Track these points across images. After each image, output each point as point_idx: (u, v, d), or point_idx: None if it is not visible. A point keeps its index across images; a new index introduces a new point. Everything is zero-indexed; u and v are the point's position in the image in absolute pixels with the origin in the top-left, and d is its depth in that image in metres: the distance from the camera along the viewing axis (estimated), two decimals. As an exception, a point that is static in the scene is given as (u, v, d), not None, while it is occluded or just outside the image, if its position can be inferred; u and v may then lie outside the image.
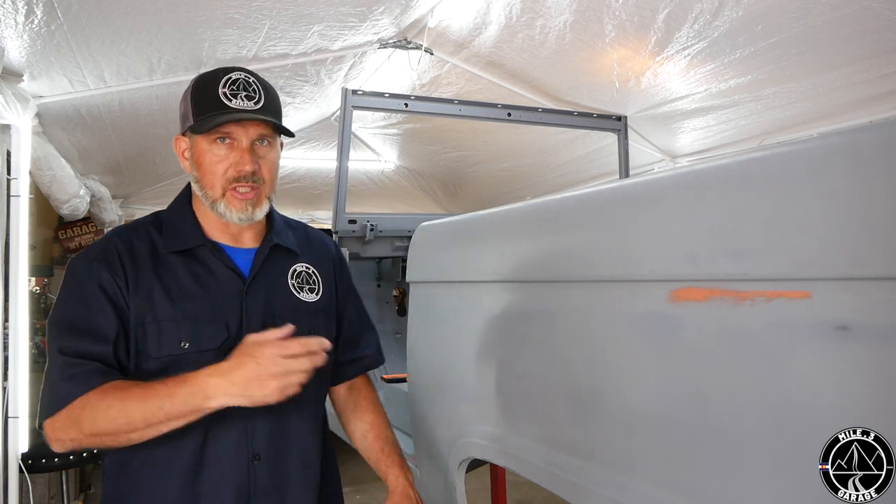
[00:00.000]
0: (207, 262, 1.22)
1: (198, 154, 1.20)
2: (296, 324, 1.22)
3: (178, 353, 1.14)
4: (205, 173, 1.20)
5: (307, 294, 1.31)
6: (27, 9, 2.06)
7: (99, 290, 1.14)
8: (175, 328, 1.15)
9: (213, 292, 1.19)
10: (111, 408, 1.05)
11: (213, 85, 1.17)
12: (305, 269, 1.33)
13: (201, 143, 1.19)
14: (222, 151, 1.18)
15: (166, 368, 1.13)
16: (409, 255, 1.84)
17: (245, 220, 1.20)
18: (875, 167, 0.72)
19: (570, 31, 2.61)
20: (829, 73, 2.58)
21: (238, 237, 1.26)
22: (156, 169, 4.63)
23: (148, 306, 1.15)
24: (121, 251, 1.18)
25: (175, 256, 1.21)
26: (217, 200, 1.19)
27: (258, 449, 1.18)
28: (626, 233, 1.05)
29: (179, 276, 1.19)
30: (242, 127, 1.17)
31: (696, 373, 0.90)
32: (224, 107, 1.16)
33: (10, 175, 2.55)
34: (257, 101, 1.18)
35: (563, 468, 1.15)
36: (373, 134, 4.45)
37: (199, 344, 1.15)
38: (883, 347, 0.69)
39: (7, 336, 2.60)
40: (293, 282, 1.30)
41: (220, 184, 1.18)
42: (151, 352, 1.14)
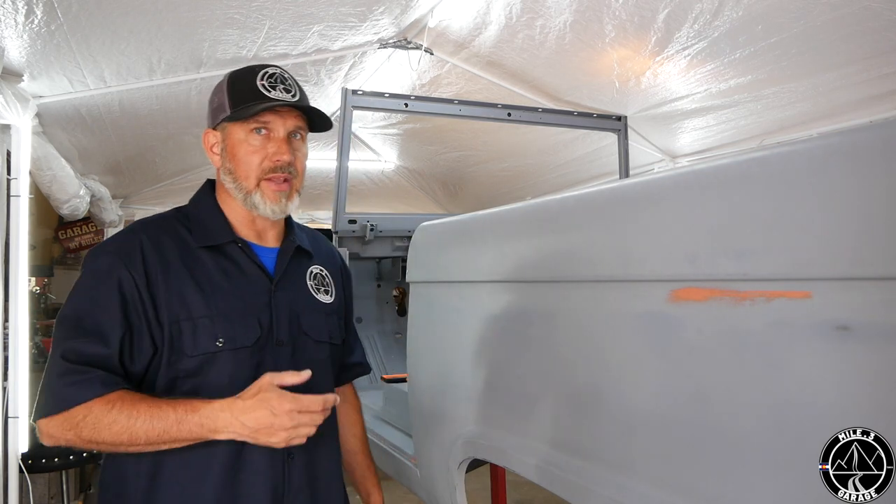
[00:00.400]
0: (237, 258, 1.21)
1: (232, 145, 1.20)
2: (317, 324, 1.27)
3: (213, 350, 1.13)
4: (240, 164, 1.19)
5: (323, 295, 1.32)
6: (27, 9, 2.06)
7: (113, 288, 1.11)
8: (210, 325, 1.14)
9: (243, 289, 1.19)
10: (116, 422, 1.03)
11: (250, 77, 1.19)
12: (320, 271, 1.35)
13: (237, 134, 1.19)
14: (258, 142, 1.18)
15: (202, 366, 1.13)
16: (409, 255, 1.84)
17: (278, 212, 1.20)
18: (875, 167, 0.72)
19: (570, 31, 2.61)
20: (829, 73, 2.58)
21: (263, 235, 1.26)
22: (156, 169, 4.63)
23: (181, 303, 1.14)
24: (144, 246, 1.15)
25: (205, 252, 1.19)
26: (251, 192, 1.19)
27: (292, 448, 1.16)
28: (626, 233, 1.05)
29: (210, 272, 1.18)
30: (281, 117, 1.18)
31: (696, 373, 0.90)
32: (263, 97, 1.16)
33: (10, 175, 2.55)
34: (293, 94, 1.19)
35: (563, 468, 1.15)
36: (373, 134, 4.45)
37: (234, 341, 1.15)
38: (883, 347, 0.69)
39: (7, 336, 2.60)
40: (311, 283, 1.31)
41: (255, 174, 1.18)
42: (187, 350, 1.12)
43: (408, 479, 1.84)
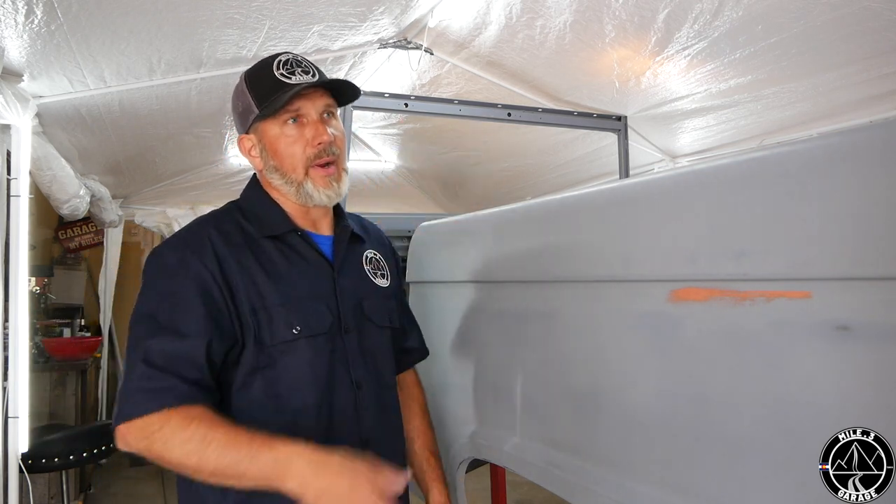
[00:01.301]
0: (298, 247, 1.20)
1: (270, 142, 1.18)
2: (379, 309, 1.28)
3: (290, 338, 1.12)
4: (283, 158, 1.17)
5: (380, 279, 1.32)
6: (27, 9, 2.06)
7: (190, 281, 1.09)
8: (285, 313, 1.13)
9: (308, 276, 1.18)
10: (189, 441, 0.98)
11: (267, 70, 1.17)
12: (374, 255, 1.34)
13: (272, 130, 1.18)
14: (295, 132, 1.17)
15: (280, 356, 1.12)
16: (409, 255, 1.84)
17: (334, 197, 1.20)
18: (875, 167, 0.72)
19: (570, 31, 2.61)
20: (829, 73, 2.58)
21: (317, 224, 1.26)
22: (156, 169, 4.63)
23: (256, 292, 1.12)
24: (213, 237, 1.14)
25: (268, 242, 1.19)
26: (302, 182, 1.18)
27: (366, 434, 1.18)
28: (626, 233, 1.05)
29: (276, 261, 1.17)
30: (310, 101, 1.16)
31: (696, 373, 0.90)
32: (285, 86, 1.14)
33: (10, 175, 2.54)
34: (313, 74, 1.18)
35: (563, 468, 1.15)
36: (373, 134, 4.45)
37: (310, 328, 1.14)
38: (883, 347, 0.69)
39: (7, 336, 2.60)
40: (368, 267, 1.31)
41: (301, 164, 1.17)
42: (265, 339, 1.11)
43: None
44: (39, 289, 5.08)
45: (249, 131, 1.21)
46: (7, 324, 2.60)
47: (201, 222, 1.19)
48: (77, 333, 4.79)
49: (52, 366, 4.12)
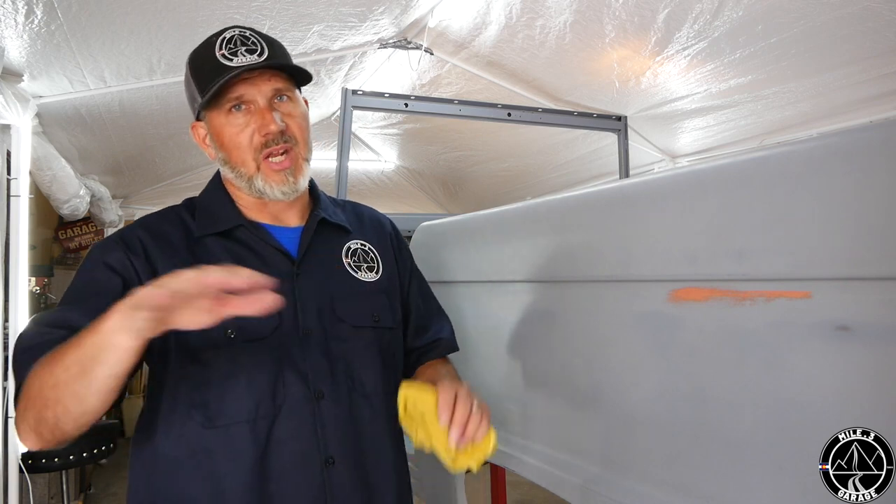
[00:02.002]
0: (249, 243, 1.09)
1: (217, 132, 1.07)
2: (356, 307, 1.12)
3: (223, 344, 1.01)
4: (231, 150, 1.07)
5: (365, 273, 1.17)
6: (27, 9, 2.06)
7: (106, 268, 1.01)
8: None
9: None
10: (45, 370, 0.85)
11: (209, 51, 1.04)
12: (361, 245, 1.20)
13: (217, 119, 1.07)
14: (241, 120, 1.05)
15: (213, 361, 1.01)
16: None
17: (289, 192, 1.08)
18: (875, 167, 0.72)
19: (570, 31, 2.61)
20: (829, 73, 2.58)
21: (280, 216, 1.14)
22: (156, 169, 4.63)
23: None
24: (143, 238, 1.06)
25: (213, 239, 1.08)
26: (253, 176, 1.07)
27: (332, 451, 1.04)
28: (626, 233, 1.05)
29: (220, 260, 1.04)
30: (253, 85, 1.04)
31: (696, 373, 0.90)
32: (225, 69, 1.02)
33: (10, 175, 2.55)
34: (261, 52, 1.04)
35: (563, 468, 1.15)
36: (373, 134, 4.45)
37: (247, 332, 1.02)
38: (883, 347, 0.69)
39: (7, 336, 2.60)
40: (348, 261, 1.16)
41: (250, 156, 1.06)
42: (194, 342, 1.00)
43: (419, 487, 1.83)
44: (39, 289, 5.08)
45: (201, 119, 1.11)
46: (7, 324, 2.60)
47: (134, 224, 1.10)
48: (77, 333, 4.77)
49: (52, 366, 4.11)
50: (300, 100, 1.12)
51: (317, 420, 1.04)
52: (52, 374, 0.84)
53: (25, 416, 0.87)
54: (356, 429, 1.08)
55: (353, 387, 1.07)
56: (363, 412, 1.09)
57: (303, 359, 1.05)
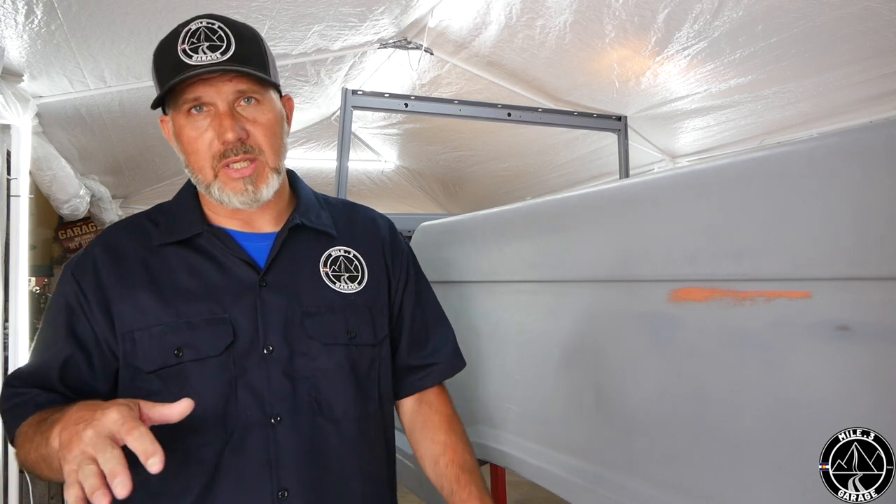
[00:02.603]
0: (211, 252, 1.01)
1: (177, 133, 0.99)
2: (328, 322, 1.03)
3: (173, 363, 0.94)
4: (189, 154, 0.98)
5: (345, 284, 1.06)
6: (27, 9, 2.06)
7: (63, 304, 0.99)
8: (167, 334, 0.95)
9: (216, 288, 0.98)
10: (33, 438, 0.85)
11: (172, 45, 0.95)
12: (344, 253, 1.09)
13: (178, 120, 0.98)
14: (201, 123, 0.96)
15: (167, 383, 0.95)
16: (409, 255, 1.84)
17: (248, 202, 0.98)
18: (875, 167, 0.72)
19: (570, 31, 2.61)
20: (829, 73, 2.58)
21: (251, 222, 1.05)
22: (156, 169, 4.63)
23: (136, 313, 0.96)
24: (97, 256, 1.00)
25: (171, 249, 1.00)
26: (210, 184, 0.98)
27: (285, 482, 0.95)
28: (626, 233, 1.05)
29: (175, 273, 0.99)
30: (213, 87, 0.94)
31: (696, 373, 0.90)
32: (184, 66, 0.93)
33: (10, 175, 2.55)
34: (224, 49, 0.94)
35: (563, 468, 1.15)
36: (373, 134, 4.45)
37: (198, 351, 0.95)
38: (883, 347, 0.69)
39: (7, 336, 2.60)
40: (327, 269, 1.06)
41: (208, 163, 0.97)
42: (142, 364, 0.95)
43: (408, 479, 1.83)
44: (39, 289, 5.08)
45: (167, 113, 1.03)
46: (7, 324, 2.60)
47: (95, 239, 1.05)
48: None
49: (52, 366, 4.11)
50: (271, 102, 1.01)
51: (271, 447, 0.95)
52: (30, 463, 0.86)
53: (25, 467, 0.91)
54: (319, 458, 0.98)
55: (319, 410, 0.98)
56: (329, 439, 0.99)
57: (260, 379, 0.97)
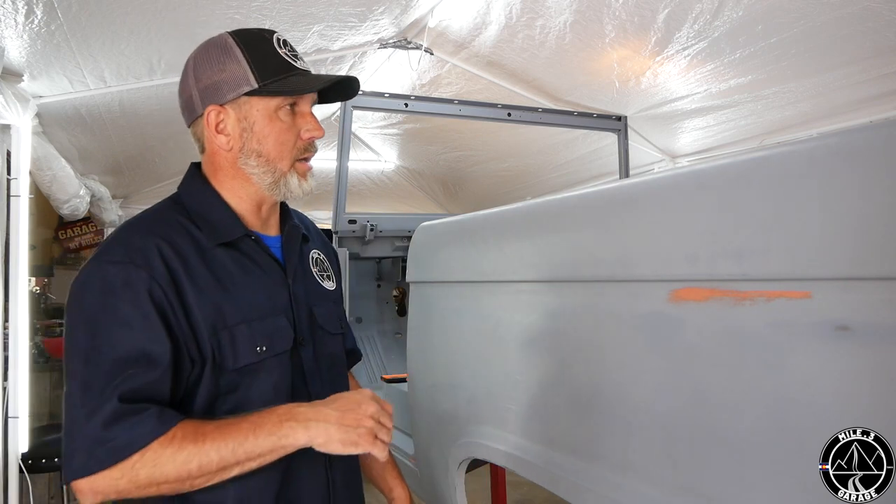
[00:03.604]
0: (252, 253, 1.08)
1: (261, 123, 1.04)
2: (329, 315, 1.17)
3: (255, 360, 1.01)
4: (273, 145, 1.05)
5: (327, 282, 1.21)
6: (27, 9, 2.06)
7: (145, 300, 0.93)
8: (248, 332, 1.01)
9: (265, 285, 1.07)
10: (181, 451, 0.89)
11: (266, 45, 1.04)
12: (318, 255, 1.23)
13: (264, 110, 1.04)
14: (290, 119, 1.06)
15: (243, 379, 1.01)
16: (409, 255, 1.84)
17: (308, 192, 1.10)
18: (875, 167, 0.72)
19: (570, 31, 2.61)
20: (829, 73, 2.58)
21: (267, 223, 1.14)
22: (156, 169, 4.63)
23: (213, 310, 0.98)
24: (163, 249, 0.98)
25: (221, 250, 1.05)
26: (286, 174, 1.07)
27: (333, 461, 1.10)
28: (626, 233, 1.05)
29: (231, 271, 1.03)
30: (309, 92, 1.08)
31: (696, 373, 0.90)
32: (294, 69, 1.05)
33: (10, 175, 2.55)
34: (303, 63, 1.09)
35: (563, 468, 1.15)
36: (373, 134, 4.45)
37: (274, 347, 1.03)
38: (883, 347, 0.69)
39: (7, 336, 2.60)
40: (315, 269, 1.20)
41: (290, 155, 1.06)
42: (228, 363, 0.98)
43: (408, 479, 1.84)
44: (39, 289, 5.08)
45: (226, 104, 1.04)
46: (7, 324, 2.60)
47: (145, 232, 1.00)
48: (77, 333, 4.78)
49: (52, 366, 4.12)
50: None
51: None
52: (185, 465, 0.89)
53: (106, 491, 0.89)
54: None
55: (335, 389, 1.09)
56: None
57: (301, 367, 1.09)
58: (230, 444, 0.90)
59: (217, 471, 0.90)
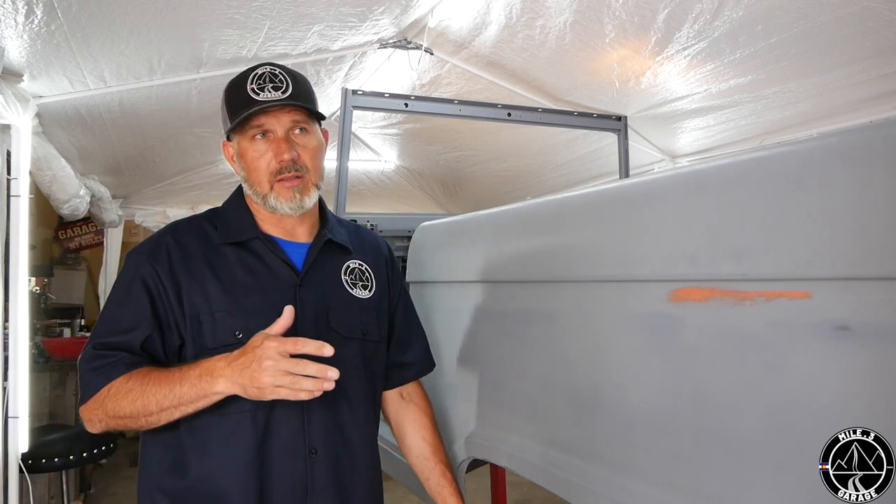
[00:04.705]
0: (261, 254, 1.24)
1: (241, 154, 1.24)
2: (348, 320, 1.27)
3: (232, 342, 1.14)
4: (250, 171, 1.23)
5: (360, 291, 1.32)
6: (27, 9, 2.06)
7: (140, 284, 1.18)
8: (229, 318, 1.17)
9: (266, 284, 1.21)
10: (131, 391, 1.09)
11: (241, 85, 1.21)
12: (359, 265, 1.34)
13: (242, 143, 1.23)
14: (262, 146, 1.21)
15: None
16: (409, 255, 1.84)
17: (295, 208, 1.22)
18: (875, 167, 0.72)
19: (570, 31, 2.61)
20: (829, 73, 2.58)
21: (292, 232, 1.28)
22: (156, 169, 4.64)
23: (203, 298, 1.18)
24: (170, 245, 1.22)
25: (229, 248, 1.23)
26: (267, 195, 1.22)
27: (314, 444, 1.19)
28: (626, 233, 1.05)
29: (233, 268, 1.22)
30: (274, 118, 1.20)
31: (696, 373, 0.90)
32: (253, 102, 1.18)
33: (10, 175, 2.55)
34: (284, 90, 1.20)
35: (563, 468, 1.15)
36: (373, 134, 4.45)
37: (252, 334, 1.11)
38: (883, 347, 0.69)
39: (7, 336, 2.60)
40: (346, 278, 1.31)
41: (266, 179, 1.21)
42: (207, 342, 1.16)
43: (408, 479, 1.84)
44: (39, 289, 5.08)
45: (230, 140, 1.26)
46: (7, 324, 2.60)
47: (164, 230, 1.27)
48: (77, 333, 4.79)
49: (52, 366, 4.12)
50: (316, 132, 1.27)
51: (304, 415, 1.19)
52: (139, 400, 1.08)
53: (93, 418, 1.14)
54: (337, 427, 1.22)
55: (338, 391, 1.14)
56: (344, 414, 1.24)
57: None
58: (163, 390, 1.07)
59: (158, 411, 1.08)
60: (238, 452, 1.15)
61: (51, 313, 5.11)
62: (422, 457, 1.40)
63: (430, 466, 1.38)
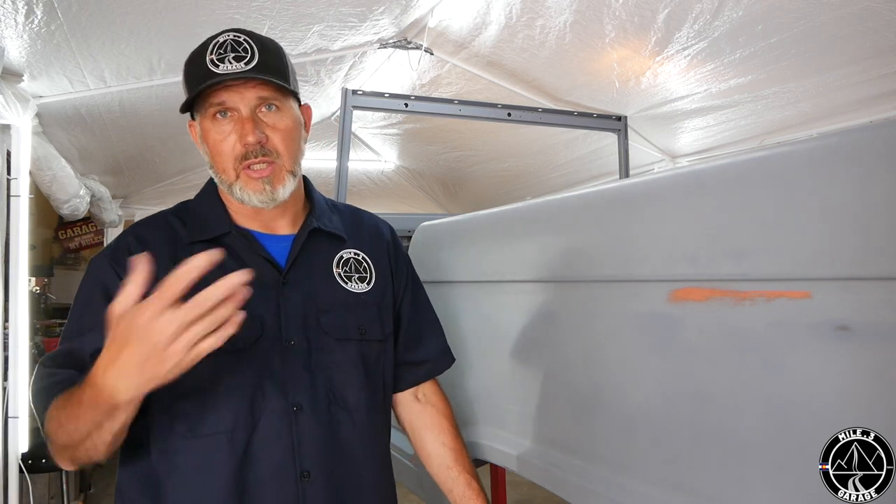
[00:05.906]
0: (237, 251, 1.07)
1: (204, 136, 1.06)
2: (342, 319, 1.11)
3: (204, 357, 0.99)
4: (213, 155, 1.06)
5: (356, 284, 1.15)
6: (27, 9, 2.06)
7: (100, 291, 1.02)
8: None
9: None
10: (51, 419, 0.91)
11: (200, 55, 1.02)
12: (354, 255, 1.17)
13: (204, 123, 1.05)
14: (226, 127, 1.03)
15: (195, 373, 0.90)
16: (409, 255, 1.84)
17: (266, 201, 1.05)
18: (875, 167, 0.72)
19: (570, 31, 2.61)
20: (829, 73, 2.58)
21: (270, 224, 1.12)
22: (156, 169, 4.64)
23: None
24: (132, 245, 1.05)
25: (200, 247, 1.03)
26: (233, 183, 1.05)
27: (307, 465, 1.02)
28: (626, 233, 1.05)
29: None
30: (237, 93, 1.02)
31: (696, 373, 0.90)
32: (211, 74, 1.00)
33: (10, 175, 2.55)
34: (248, 60, 1.01)
35: (563, 468, 1.15)
36: (373, 134, 4.45)
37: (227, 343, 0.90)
38: (883, 347, 0.69)
39: (7, 336, 2.60)
40: (339, 270, 1.14)
41: (231, 164, 1.04)
42: None
43: (408, 479, 1.83)
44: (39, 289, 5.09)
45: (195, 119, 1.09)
46: (7, 324, 2.60)
47: (127, 230, 1.11)
48: (77, 333, 4.78)
49: (52, 366, 4.11)
50: (290, 110, 1.08)
51: (294, 433, 1.03)
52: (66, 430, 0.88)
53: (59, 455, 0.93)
54: (335, 443, 1.06)
55: (334, 400, 1.06)
56: (343, 427, 1.08)
57: (283, 370, 1.04)
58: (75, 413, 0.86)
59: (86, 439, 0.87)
60: (214, 481, 0.99)
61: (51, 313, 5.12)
62: (443, 465, 1.22)
63: (454, 476, 1.21)
